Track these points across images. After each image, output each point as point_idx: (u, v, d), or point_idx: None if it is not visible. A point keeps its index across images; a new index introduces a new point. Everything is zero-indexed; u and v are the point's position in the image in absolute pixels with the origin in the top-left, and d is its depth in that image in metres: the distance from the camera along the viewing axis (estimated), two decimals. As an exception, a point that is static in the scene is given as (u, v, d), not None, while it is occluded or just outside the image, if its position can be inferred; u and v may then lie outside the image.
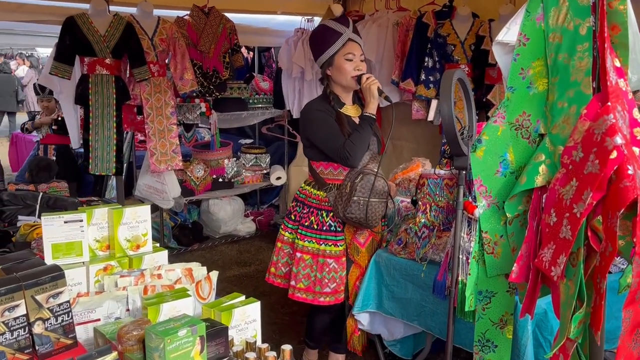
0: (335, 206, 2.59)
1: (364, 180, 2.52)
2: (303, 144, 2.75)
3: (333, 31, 2.62)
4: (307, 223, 2.67)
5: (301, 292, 2.67)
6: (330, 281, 2.64)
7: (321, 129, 2.57)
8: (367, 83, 2.56)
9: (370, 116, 2.59)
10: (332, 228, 2.64)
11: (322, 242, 2.64)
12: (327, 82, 2.68)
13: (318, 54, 2.66)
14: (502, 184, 1.60)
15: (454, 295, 2.28)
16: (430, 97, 4.36)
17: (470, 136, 2.34)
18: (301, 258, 2.66)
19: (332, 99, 2.64)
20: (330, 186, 2.65)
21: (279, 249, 2.79)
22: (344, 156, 2.52)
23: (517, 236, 1.61)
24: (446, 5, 4.36)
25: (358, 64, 2.61)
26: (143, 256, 2.09)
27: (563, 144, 1.47)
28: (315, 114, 2.61)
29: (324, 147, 2.58)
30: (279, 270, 2.80)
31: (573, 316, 1.34)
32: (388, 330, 2.83)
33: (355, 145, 2.52)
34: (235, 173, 5.16)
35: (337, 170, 2.64)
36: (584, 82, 1.44)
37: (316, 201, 2.67)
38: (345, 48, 2.60)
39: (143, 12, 4.15)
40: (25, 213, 2.58)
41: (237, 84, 5.09)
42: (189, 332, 1.38)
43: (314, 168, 2.70)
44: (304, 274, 2.66)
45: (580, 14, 1.46)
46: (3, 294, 1.27)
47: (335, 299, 2.68)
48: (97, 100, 3.88)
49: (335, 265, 2.64)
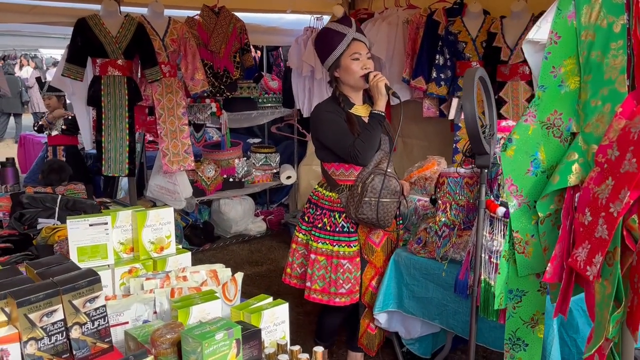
0: (348, 207, 2.60)
1: (375, 181, 2.52)
2: (314, 145, 2.76)
3: (336, 33, 2.62)
4: (320, 225, 2.67)
5: (317, 293, 2.68)
6: (345, 282, 2.64)
7: (331, 130, 2.58)
8: (374, 80, 2.56)
9: (379, 113, 2.59)
10: (345, 229, 2.65)
11: (336, 243, 2.65)
12: (335, 84, 2.68)
13: (324, 57, 2.66)
14: (533, 183, 1.59)
15: (476, 294, 2.27)
16: (442, 94, 4.35)
17: (492, 134, 2.33)
18: (316, 260, 2.66)
19: (341, 100, 2.64)
20: (342, 187, 2.65)
21: (294, 250, 2.81)
22: (354, 155, 2.52)
23: (549, 235, 1.60)
24: (457, 2, 4.36)
25: (365, 62, 2.62)
26: (167, 258, 2.09)
27: (597, 142, 1.46)
28: (324, 115, 2.62)
29: (334, 148, 2.59)
30: (295, 271, 2.82)
31: (611, 316, 1.33)
32: (405, 328, 2.83)
33: (365, 143, 2.53)
34: (245, 173, 5.15)
35: (349, 171, 2.64)
36: (618, 80, 1.43)
37: (328, 203, 2.67)
38: (350, 48, 2.60)
39: (154, 13, 4.14)
40: (44, 216, 2.58)
41: (247, 83, 5.08)
42: (225, 335, 1.38)
43: (325, 169, 2.70)
44: (319, 275, 2.67)
45: (613, 12, 1.45)
46: (41, 299, 1.27)
47: (350, 299, 2.68)
48: (110, 102, 3.88)
49: (350, 266, 2.65)
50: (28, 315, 1.27)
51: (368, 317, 2.81)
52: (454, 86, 4.30)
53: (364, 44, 2.66)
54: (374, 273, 2.75)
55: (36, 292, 1.28)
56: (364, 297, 2.76)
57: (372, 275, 2.75)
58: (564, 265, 1.53)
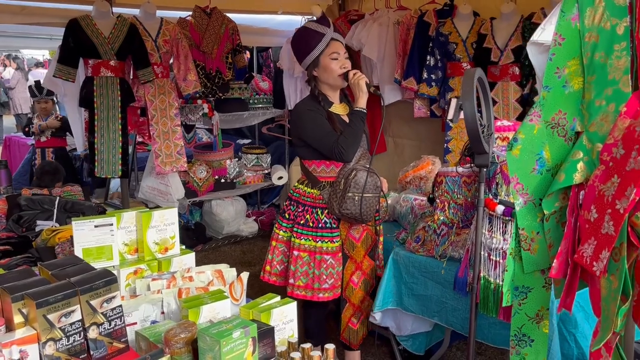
0: (330, 203, 2.63)
1: (358, 177, 2.57)
2: (295, 143, 2.79)
3: (315, 32, 2.66)
4: (302, 221, 2.70)
5: (300, 289, 2.70)
6: (329, 277, 2.68)
7: (314, 128, 2.61)
8: (355, 78, 2.61)
9: (361, 110, 2.64)
10: (328, 225, 2.68)
11: (319, 239, 2.68)
12: (314, 83, 2.72)
13: (303, 56, 2.69)
14: (538, 181, 1.63)
15: (476, 292, 2.31)
16: (433, 95, 4.40)
17: (490, 134, 2.37)
18: (299, 256, 2.69)
19: (321, 99, 2.68)
20: (324, 184, 2.69)
21: (274, 248, 2.81)
22: (338, 152, 2.57)
23: (554, 232, 1.64)
24: (447, 4, 4.41)
25: (343, 62, 2.66)
26: (172, 259, 2.10)
27: (601, 141, 1.50)
28: (306, 113, 2.65)
29: (317, 145, 2.62)
30: (274, 269, 2.82)
31: (619, 310, 1.37)
32: (397, 324, 2.87)
33: (349, 139, 2.58)
34: (237, 173, 5.16)
35: (330, 167, 2.68)
36: (622, 80, 1.48)
37: (310, 199, 2.70)
38: (329, 48, 2.64)
39: (146, 14, 4.13)
40: (43, 218, 2.57)
41: (238, 84, 5.09)
42: (242, 333, 1.39)
43: (306, 167, 2.74)
44: (302, 271, 2.69)
45: (617, 14, 1.49)
46: (60, 299, 1.27)
47: (333, 294, 2.72)
48: (102, 103, 3.86)
49: (333, 261, 2.68)
50: (47, 316, 1.27)
51: (349, 312, 2.83)
52: (444, 87, 4.35)
53: (342, 44, 2.71)
54: (354, 268, 2.78)
55: (54, 293, 1.28)
56: (345, 292, 2.79)
57: (352, 270, 2.78)
58: (569, 261, 1.57)
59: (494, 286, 2.28)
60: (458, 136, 4.31)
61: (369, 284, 2.83)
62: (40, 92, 5.38)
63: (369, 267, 2.81)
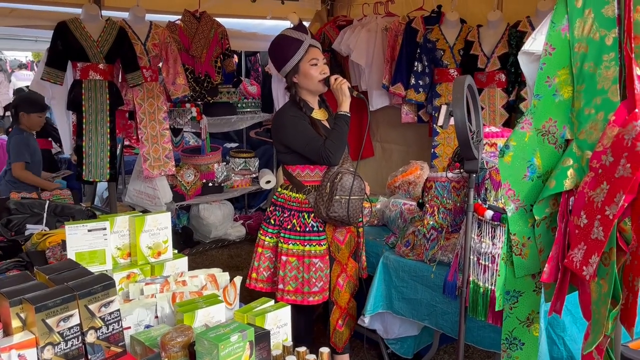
0: (317, 207, 2.66)
1: (344, 180, 2.60)
2: (277, 149, 2.82)
3: (294, 40, 2.69)
4: (289, 226, 2.72)
5: (290, 294, 2.71)
6: (318, 280, 2.70)
7: (299, 133, 2.65)
8: (337, 84, 2.65)
9: (346, 114, 2.68)
10: (315, 228, 2.71)
11: (307, 243, 2.70)
12: (294, 90, 2.75)
13: (282, 63, 2.71)
14: (529, 187, 1.66)
15: (465, 295, 2.34)
16: (420, 101, 4.44)
17: (480, 140, 2.41)
18: (287, 261, 2.70)
19: (302, 105, 2.72)
20: (309, 188, 2.71)
21: (260, 254, 2.82)
22: (325, 156, 2.60)
23: (544, 237, 1.68)
24: (435, 11, 4.46)
25: (322, 67, 2.70)
26: (164, 263, 2.10)
27: (591, 148, 1.54)
28: (290, 119, 2.68)
29: (303, 150, 2.65)
30: (261, 275, 2.83)
31: (610, 313, 1.41)
32: (384, 327, 2.90)
33: (335, 143, 2.62)
34: (224, 177, 5.15)
35: (314, 172, 2.71)
36: (611, 89, 1.52)
37: (296, 204, 2.72)
38: (308, 54, 2.67)
39: (135, 17, 4.12)
40: (32, 222, 2.55)
41: (226, 88, 5.09)
42: (240, 337, 1.40)
43: (290, 172, 2.76)
44: (291, 276, 2.71)
45: (605, 25, 1.54)
46: (59, 304, 1.28)
47: (322, 297, 2.74)
48: (90, 106, 3.84)
49: (321, 264, 2.71)
50: (45, 320, 1.27)
51: (337, 314, 2.85)
52: (432, 93, 4.40)
53: (320, 50, 2.75)
54: (340, 270, 2.80)
55: (53, 298, 1.28)
56: (333, 295, 2.81)
57: (338, 272, 2.80)
58: (560, 266, 1.61)
59: (483, 290, 2.31)
60: (445, 142, 4.36)
61: (353, 285, 2.86)
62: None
63: (353, 269, 2.84)
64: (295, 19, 4.36)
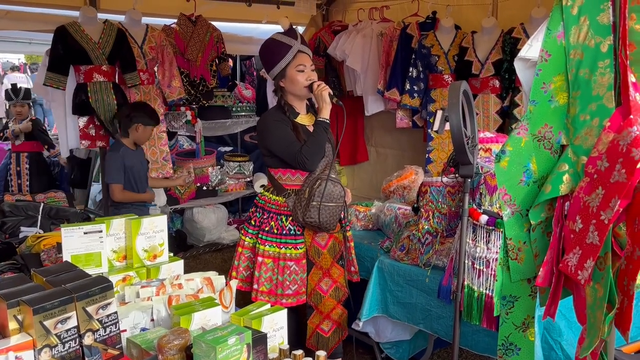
0: (295, 211, 2.67)
1: (322, 186, 2.62)
2: (262, 153, 2.83)
3: (283, 44, 2.69)
4: (267, 228, 2.73)
5: (264, 295, 2.71)
6: (292, 283, 2.70)
7: (278, 137, 2.66)
8: (318, 90, 2.66)
9: (325, 121, 2.69)
10: (292, 232, 2.71)
11: (283, 245, 2.70)
12: (280, 93, 2.76)
13: (270, 67, 2.73)
14: (525, 192, 1.68)
15: (459, 300, 2.36)
16: (415, 106, 4.47)
17: (475, 145, 2.43)
18: (263, 262, 2.71)
19: (287, 109, 2.73)
20: (289, 192, 2.73)
21: (240, 254, 2.83)
22: (301, 161, 2.61)
23: (540, 242, 1.69)
24: (429, 17, 4.49)
25: (309, 74, 2.70)
26: (160, 266, 2.10)
27: (586, 154, 1.56)
28: (272, 124, 2.69)
29: (282, 154, 2.67)
30: (240, 274, 2.83)
31: (605, 317, 1.42)
32: (376, 330, 2.90)
33: (311, 149, 2.63)
34: (219, 181, 5.15)
35: (295, 176, 2.72)
36: (606, 96, 1.54)
37: (275, 206, 2.74)
38: (295, 60, 2.68)
39: (132, 20, 4.12)
40: (27, 224, 2.54)
41: (221, 92, 5.10)
42: (237, 340, 1.40)
43: (272, 175, 2.78)
44: (266, 277, 2.72)
45: (600, 33, 1.56)
46: (56, 306, 1.27)
47: (297, 300, 2.73)
48: (99, 108, 3.84)
49: (296, 267, 2.71)
50: (43, 322, 1.27)
51: (317, 318, 2.84)
52: (426, 98, 4.43)
53: (309, 56, 2.76)
54: (321, 275, 2.80)
55: (51, 299, 1.28)
56: (310, 299, 2.81)
57: (319, 277, 2.80)
58: (554, 270, 1.62)
59: (477, 294, 2.32)
60: (439, 147, 4.38)
61: (341, 292, 2.83)
62: (17, 96, 5.31)
63: (340, 276, 2.82)
64: (286, 24, 4.38)
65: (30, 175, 5.43)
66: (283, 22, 4.50)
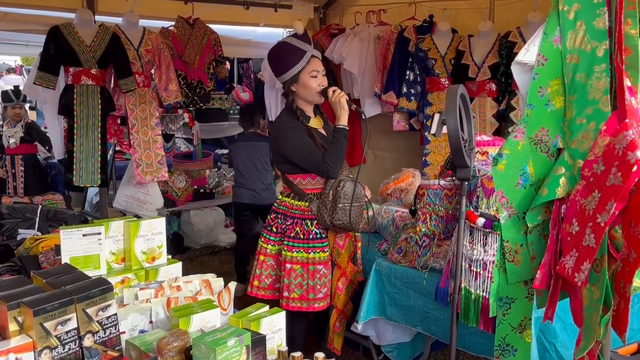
0: (321, 214, 2.67)
1: (346, 188, 2.64)
2: (275, 159, 2.83)
3: (297, 49, 2.69)
4: (292, 234, 2.73)
5: (295, 301, 2.72)
6: (322, 286, 2.72)
7: (298, 146, 2.66)
8: (335, 97, 2.66)
9: (344, 128, 2.70)
10: (318, 235, 2.73)
11: (311, 250, 2.71)
12: (292, 98, 2.75)
13: (282, 71, 2.71)
14: (522, 195, 1.69)
15: (457, 302, 2.37)
16: (412, 109, 4.49)
17: (472, 148, 2.45)
18: (292, 269, 2.71)
19: (299, 114, 2.73)
20: (311, 196, 2.73)
21: (262, 262, 2.82)
22: (325, 169, 2.62)
23: (536, 244, 1.71)
24: (426, 20, 4.51)
25: (322, 79, 2.71)
26: (159, 268, 2.10)
27: (582, 157, 1.57)
28: (288, 131, 2.69)
29: (302, 162, 2.67)
30: (263, 283, 2.83)
31: (601, 319, 1.43)
32: (377, 333, 2.91)
33: (334, 157, 2.64)
34: (216, 183, 5.16)
35: (315, 180, 2.74)
36: (602, 100, 1.55)
37: (299, 212, 2.74)
38: (309, 65, 2.68)
39: (128, 23, 4.13)
40: (25, 226, 2.54)
41: (219, 94, 5.11)
42: (236, 341, 1.41)
43: (290, 181, 2.77)
44: (296, 283, 2.71)
45: (597, 37, 1.57)
46: (57, 307, 1.28)
47: (326, 303, 2.76)
48: (82, 111, 3.84)
49: (325, 270, 2.73)
50: (43, 324, 1.27)
51: (334, 317, 2.87)
52: (423, 101, 4.44)
53: (320, 60, 2.77)
54: (340, 274, 2.83)
55: (51, 301, 1.29)
56: (333, 299, 2.83)
57: (338, 277, 2.83)
58: (552, 273, 1.63)
59: (474, 296, 2.33)
60: (436, 150, 4.40)
61: (352, 288, 2.89)
62: (18, 97, 5.31)
63: (352, 273, 2.88)
64: (301, 28, 4.38)
65: (25, 178, 5.42)
66: (297, 25, 4.47)
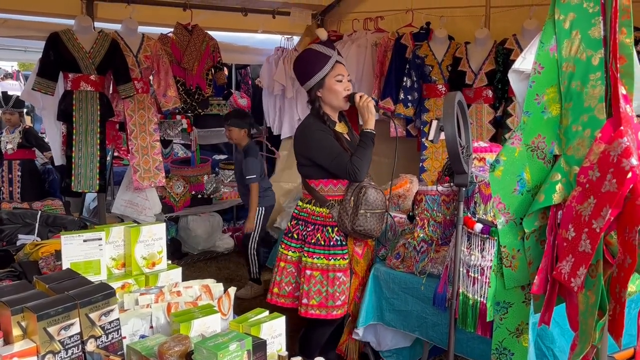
0: (342, 221, 2.68)
1: (368, 194, 2.65)
2: (299, 162, 2.81)
3: (322, 55, 2.72)
4: (313, 240, 2.73)
5: (314, 308, 2.71)
6: (341, 294, 2.72)
7: (326, 148, 2.67)
8: (363, 101, 2.68)
9: (371, 132, 2.71)
10: (339, 242, 2.73)
11: (331, 257, 2.72)
12: (318, 103, 2.77)
13: (307, 77, 2.74)
14: (519, 201, 1.72)
15: (454, 307, 2.39)
16: (409, 115, 4.52)
17: (469, 155, 2.47)
18: (311, 275, 2.71)
19: (326, 119, 2.74)
20: (332, 202, 2.73)
21: (282, 269, 2.81)
22: (352, 172, 2.62)
23: (533, 250, 1.73)
24: (423, 27, 4.55)
25: (347, 84, 2.74)
26: (159, 274, 2.11)
27: (578, 164, 1.60)
28: (316, 133, 2.70)
29: (329, 165, 2.67)
30: (283, 290, 2.82)
31: (597, 324, 1.45)
32: (377, 339, 2.92)
33: (362, 160, 2.65)
34: (214, 189, 5.17)
35: (337, 186, 2.74)
36: (597, 107, 1.58)
37: (320, 218, 2.74)
38: (334, 70, 2.71)
39: (128, 29, 4.15)
40: (24, 232, 2.55)
41: (217, 100, 5.13)
42: (238, 346, 1.43)
43: (312, 187, 2.77)
44: (315, 290, 2.71)
45: (592, 46, 1.60)
46: (60, 312, 1.29)
47: (344, 310, 2.77)
48: (81, 117, 3.85)
49: (345, 277, 2.73)
50: (47, 328, 1.28)
51: (350, 326, 2.88)
52: (420, 107, 4.47)
53: (344, 66, 2.79)
54: (357, 283, 2.84)
55: (55, 306, 1.30)
56: (350, 307, 2.84)
57: (356, 285, 2.84)
58: (549, 278, 1.65)
59: (472, 302, 2.35)
60: (433, 156, 4.43)
61: None
62: (7, 103, 5.30)
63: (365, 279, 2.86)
64: (324, 35, 4.41)
65: (22, 183, 5.42)
66: (321, 32, 4.52)
